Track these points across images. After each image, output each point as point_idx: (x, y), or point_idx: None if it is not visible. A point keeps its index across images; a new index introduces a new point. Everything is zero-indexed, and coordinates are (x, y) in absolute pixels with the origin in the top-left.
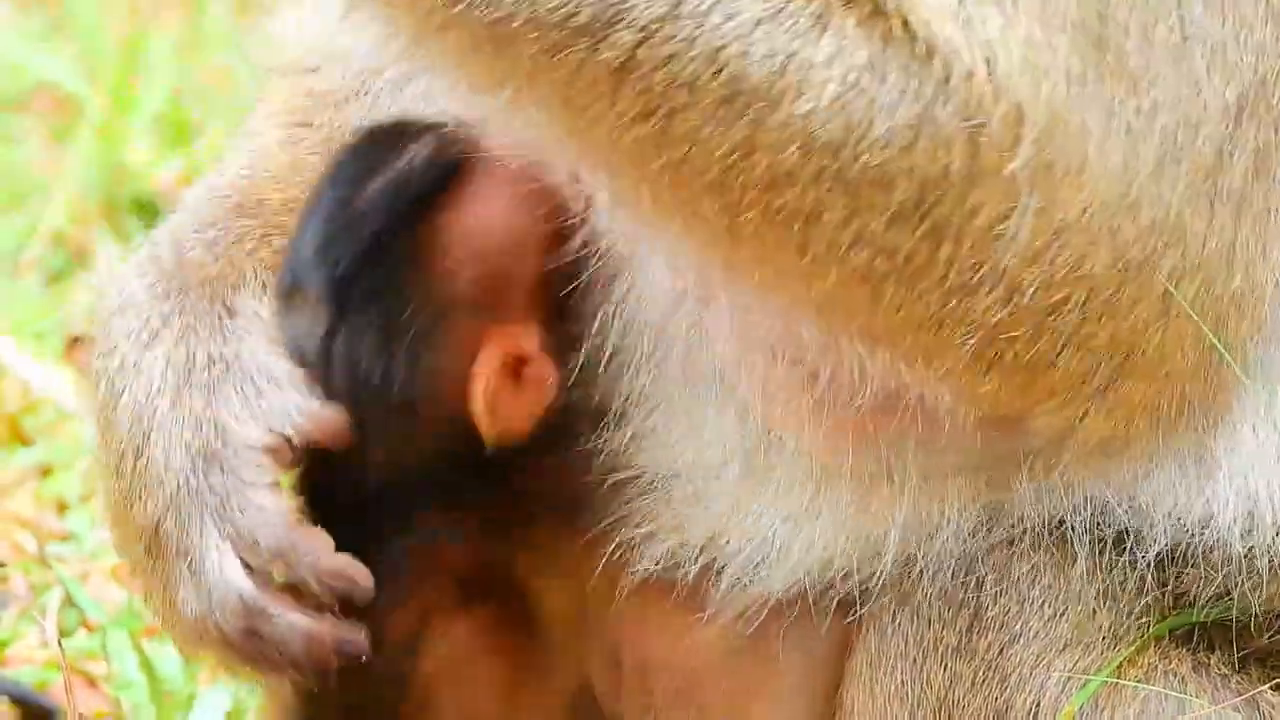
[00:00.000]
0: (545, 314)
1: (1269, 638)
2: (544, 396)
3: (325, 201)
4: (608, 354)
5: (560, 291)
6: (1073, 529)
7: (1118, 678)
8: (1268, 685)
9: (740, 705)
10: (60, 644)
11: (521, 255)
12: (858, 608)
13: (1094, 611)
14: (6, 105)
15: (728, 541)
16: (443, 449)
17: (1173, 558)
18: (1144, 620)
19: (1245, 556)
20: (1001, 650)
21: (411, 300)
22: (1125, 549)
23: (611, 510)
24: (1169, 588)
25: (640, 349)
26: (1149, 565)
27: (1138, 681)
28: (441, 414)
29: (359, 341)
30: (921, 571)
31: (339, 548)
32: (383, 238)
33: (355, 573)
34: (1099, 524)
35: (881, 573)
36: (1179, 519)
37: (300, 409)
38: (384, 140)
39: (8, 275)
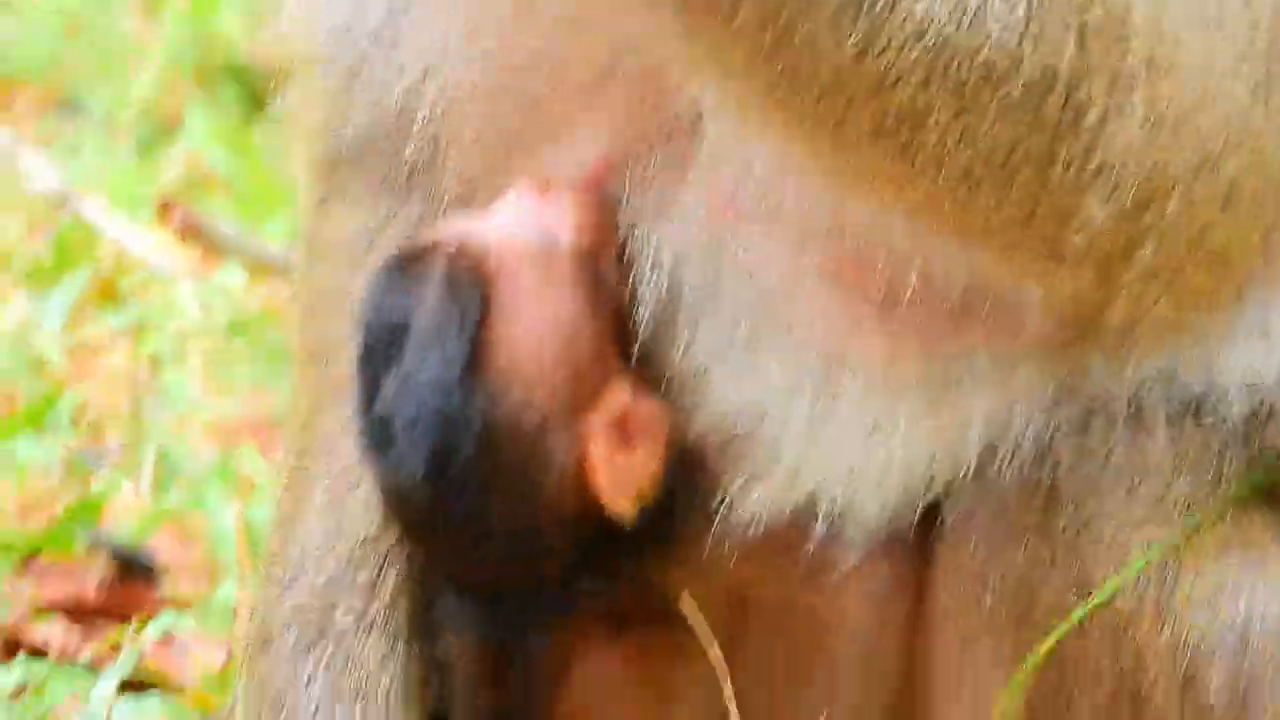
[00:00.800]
0: (623, 352)
1: None
2: (661, 431)
3: (385, 389)
4: (664, 310)
5: (624, 318)
6: (1145, 403)
7: (1196, 547)
8: None
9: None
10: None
11: (580, 339)
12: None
13: (1170, 483)
14: None
15: (812, 474)
16: (594, 547)
17: (1250, 419)
18: (1221, 488)
19: None
20: (1079, 529)
21: (503, 449)
22: (1200, 417)
23: (712, 474)
24: (1245, 451)
25: (692, 297)
26: (1225, 430)
27: (1217, 548)
28: (584, 525)
29: (474, 513)
30: (997, 456)
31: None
32: (450, 404)
33: None
34: (1171, 396)
35: (965, 472)
36: (1254, 383)
37: None
38: (401, 290)
39: (102, 141)
